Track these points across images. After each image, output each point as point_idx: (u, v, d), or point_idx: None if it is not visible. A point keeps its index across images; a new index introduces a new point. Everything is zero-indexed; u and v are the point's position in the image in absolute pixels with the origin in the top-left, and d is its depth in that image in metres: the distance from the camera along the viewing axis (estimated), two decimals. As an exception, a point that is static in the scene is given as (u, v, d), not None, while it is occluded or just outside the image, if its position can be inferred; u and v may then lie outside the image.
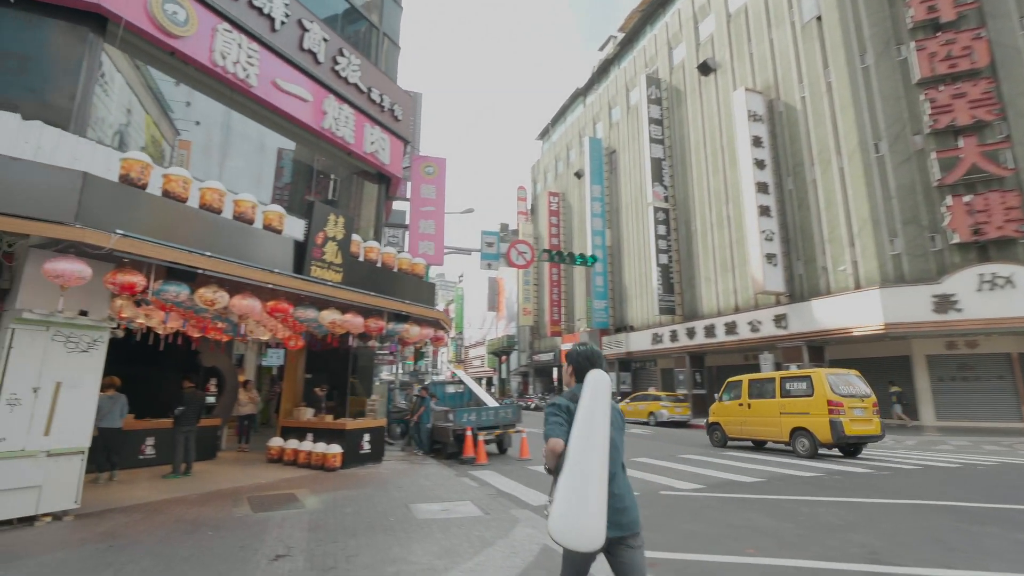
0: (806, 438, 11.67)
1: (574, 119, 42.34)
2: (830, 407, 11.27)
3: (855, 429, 11.17)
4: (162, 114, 9.13)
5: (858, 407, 11.45)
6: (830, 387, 11.53)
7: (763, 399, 13.03)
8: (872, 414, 11.58)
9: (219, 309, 7.35)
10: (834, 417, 11.16)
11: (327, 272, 8.39)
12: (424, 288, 10.91)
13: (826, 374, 11.83)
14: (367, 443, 10.47)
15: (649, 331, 29.33)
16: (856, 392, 11.73)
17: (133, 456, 9.43)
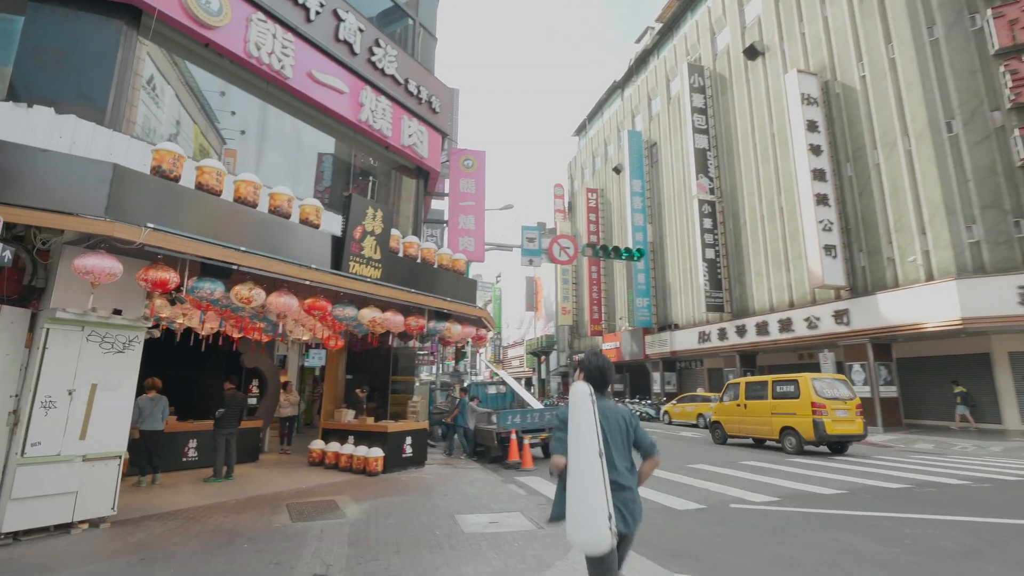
0: (793, 436, 12.56)
1: (611, 113, 41.33)
2: (814, 408, 12.17)
3: (836, 429, 11.99)
4: (209, 125, 9.00)
5: (841, 408, 12.28)
6: (814, 390, 12.41)
7: (757, 400, 13.83)
8: (855, 415, 12.36)
9: (255, 307, 7.06)
10: (817, 417, 12.03)
11: (366, 268, 8.00)
12: (465, 285, 10.44)
13: (811, 378, 12.71)
14: (409, 446, 10.07)
15: (695, 329, 28.15)
16: (840, 395, 12.57)
17: (176, 459, 9.31)
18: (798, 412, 12.48)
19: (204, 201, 6.16)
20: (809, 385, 12.53)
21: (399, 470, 9.82)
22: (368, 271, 8.02)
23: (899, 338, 18.81)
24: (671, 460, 11.62)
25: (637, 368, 36.66)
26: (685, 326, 29.44)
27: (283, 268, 6.54)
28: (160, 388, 8.48)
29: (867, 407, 18.62)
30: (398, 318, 8.61)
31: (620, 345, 35.11)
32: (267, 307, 6.94)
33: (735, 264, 25.95)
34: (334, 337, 10.19)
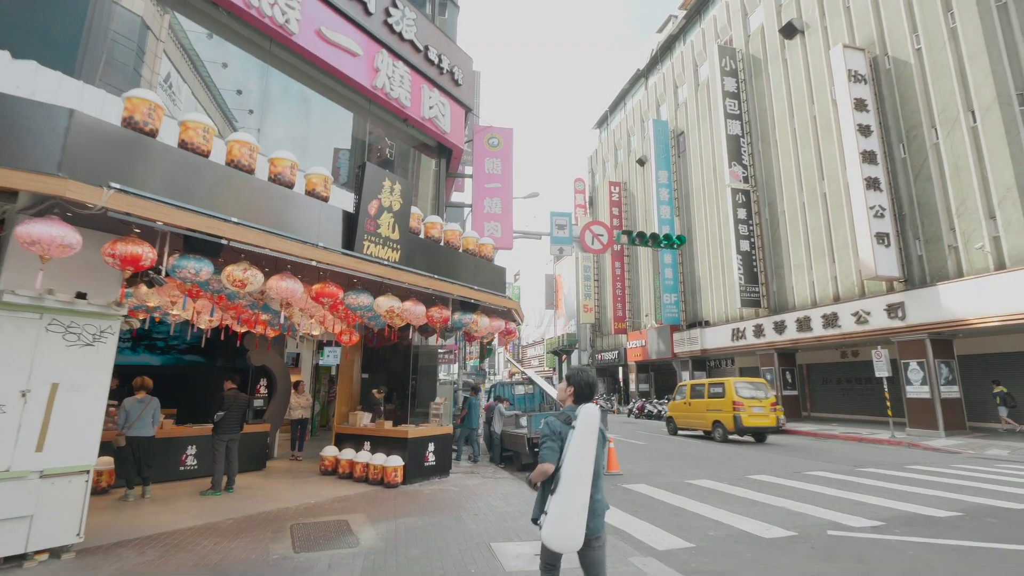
0: (720, 428, 16.03)
1: (635, 104, 39.88)
2: (735, 406, 15.63)
3: (751, 422, 15.46)
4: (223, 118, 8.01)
5: (757, 406, 15.72)
6: (736, 391, 15.88)
7: (698, 399, 17.43)
8: (769, 411, 15.86)
9: (253, 293, 5.99)
10: (736, 413, 15.50)
11: (382, 249, 6.90)
12: (493, 273, 9.30)
13: (735, 382, 16.26)
14: (432, 454, 8.95)
15: (728, 326, 26.66)
16: (757, 396, 15.97)
17: (173, 468, 8.32)
18: (723, 409, 15.91)
19: (188, 162, 5.10)
20: (732, 387, 15.98)
21: (421, 480, 8.71)
22: (385, 253, 6.90)
23: (961, 333, 17.21)
24: (724, 469, 10.33)
25: (663, 367, 35.21)
26: (717, 323, 27.96)
27: (284, 245, 5.45)
28: (151, 388, 7.48)
29: (926, 409, 17.07)
30: (419, 308, 7.49)
31: (646, 343, 33.71)
32: (267, 293, 5.87)
33: (772, 256, 24.43)
34: (348, 331, 9.12)
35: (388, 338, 10.06)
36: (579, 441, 2.90)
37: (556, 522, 2.86)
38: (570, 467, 2.87)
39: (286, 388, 10.89)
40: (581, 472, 2.87)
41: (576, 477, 2.86)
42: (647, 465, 11.14)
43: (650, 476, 9.75)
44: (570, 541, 2.85)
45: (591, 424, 2.94)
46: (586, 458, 2.89)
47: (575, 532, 2.83)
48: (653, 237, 13.36)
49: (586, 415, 2.97)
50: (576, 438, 2.91)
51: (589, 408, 3.02)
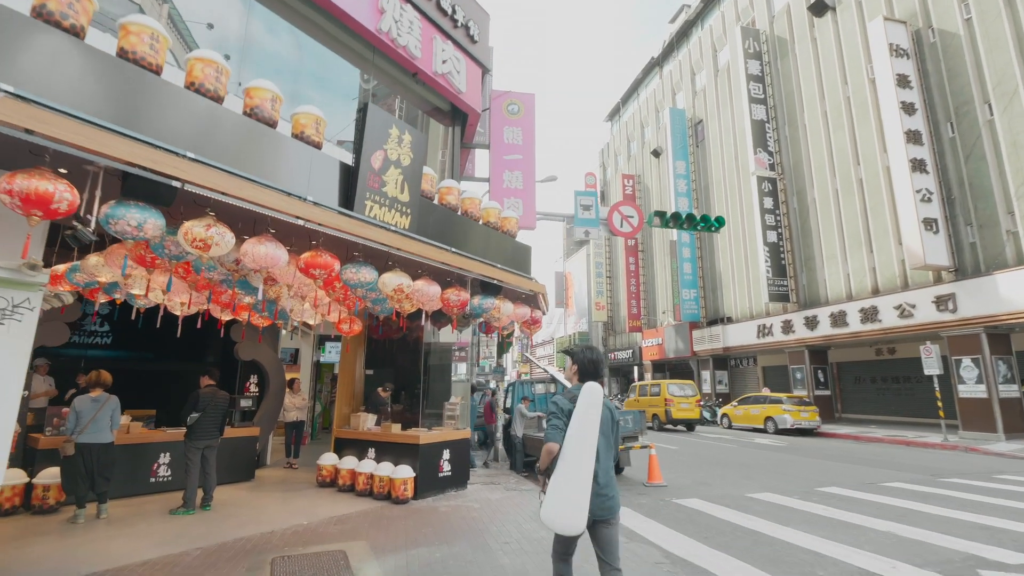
0: (656, 419, 20.76)
1: (649, 94, 38.49)
2: (666, 402, 20.47)
3: (679, 415, 20.34)
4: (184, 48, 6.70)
5: (684, 402, 20.55)
6: (667, 391, 20.81)
7: (644, 396, 22.29)
8: (695, 406, 20.68)
9: (225, 262, 4.68)
10: (667, 408, 20.37)
11: (389, 213, 5.60)
12: (518, 251, 7.98)
13: (667, 383, 21.25)
14: (447, 462, 7.64)
15: (753, 323, 25.21)
16: (685, 394, 20.84)
17: (142, 479, 7.04)
18: (659, 405, 20.79)
19: (130, 76, 3.80)
20: (665, 387, 21.09)
21: (435, 494, 7.39)
22: (392, 217, 5.60)
23: (1019, 327, 15.72)
24: (781, 479, 8.96)
25: (680, 366, 33.77)
26: (740, 319, 26.51)
27: (261, 195, 4.16)
28: (109, 385, 6.20)
29: (982, 410, 15.59)
30: (433, 288, 6.19)
31: (663, 342, 32.28)
32: (242, 263, 4.57)
33: (802, 248, 22.98)
34: (348, 320, 7.82)
35: (396, 328, 8.77)
36: (580, 419, 2.86)
37: (554, 502, 2.80)
38: (570, 445, 2.83)
39: (279, 386, 9.60)
40: (582, 451, 2.82)
41: (576, 456, 2.81)
42: (689, 473, 9.78)
43: (699, 488, 8.39)
44: (569, 522, 2.75)
45: (592, 401, 2.90)
46: (587, 437, 2.84)
47: (574, 513, 2.74)
48: (689, 219, 12.01)
49: (587, 392, 2.93)
50: (576, 416, 2.87)
51: (591, 386, 2.97)
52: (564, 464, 2.80)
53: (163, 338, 9.51)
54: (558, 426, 2.90)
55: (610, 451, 3.06)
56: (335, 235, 4.87)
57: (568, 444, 2.82)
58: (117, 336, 9.54)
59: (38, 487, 5.94)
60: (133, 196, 3.65)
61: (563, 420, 2.91)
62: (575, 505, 2.73)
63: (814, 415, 18.86)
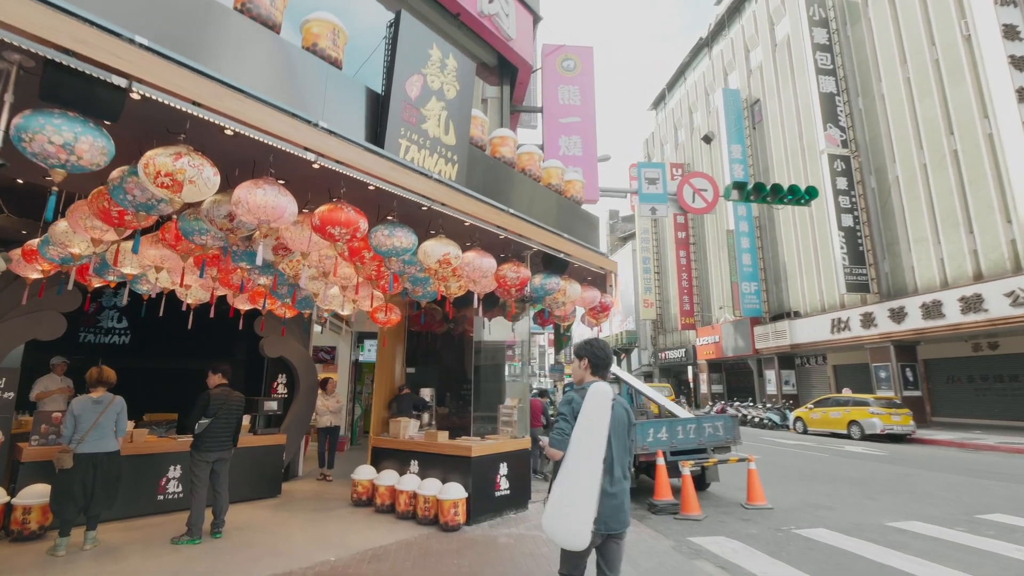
0: None
1: (697, 77, 36.34)
2: None
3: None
4: None
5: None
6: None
7: None
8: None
9: (210, 215, 3.47)
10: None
11: (430, 158, 4.31)
12: (584, 222, 6.57)
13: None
14: (504, 478, 6.29)
15: (825, 316, 22.90)
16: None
17: (148, 497, 5.97)
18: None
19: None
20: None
21: (491, 517, 6.05)
22: (435, 164, 4.31)
23: None
24: (933, 505, 7.19)
25: (739, 366, 31.52)
26: (810, 313, 24.21)
27: (248, 110, 2.94)
28: (113, 384, 5.15)
29: None
30: (486, 262, 4.86)
31: (720, 339, 30.11)
32: (235, 212, 3.35)
33: (883, 231, 20.63)
34: (384, 307, 6.58)
35: (441, 318, 7.52)
36: (584, 422, 2.63)
37: (555, 512, 2.58)
38: (573, 451, 2.62)
39: (310, 387, 8.49)
40: (586, 457, 2.59)
41: (578, 462, 2.59)
42: (790, 491, 8.11)
43: (818, 512, 6.75)
44: (570, 535, 2.52)
45: (600, 403, 2.67)
46: (593, 442, 2.60)
47: (576, 526, 2.51)
48: (774, 190, 10.25)
49: (592, 393, 2.70)
50: (583, 419, 2.64)
51: (598, 386, 2.74)
52: (567, 472, 2.60)
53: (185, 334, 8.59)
54: (564, 431, 2.67)
55: (626, 456, 2.80)
56: (360, 179, 3.60)
57: (570, 451, 2.62)
58: (136, 332, 8.65)
59: (17, 508, 4.92)
60: (57, 100, 2.45)
61: (571, 424, 2.66)
62: (578, 518, 2.52)
63: (907, 419, 16.61)
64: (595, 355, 2.86)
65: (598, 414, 2.64)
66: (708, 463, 7.20)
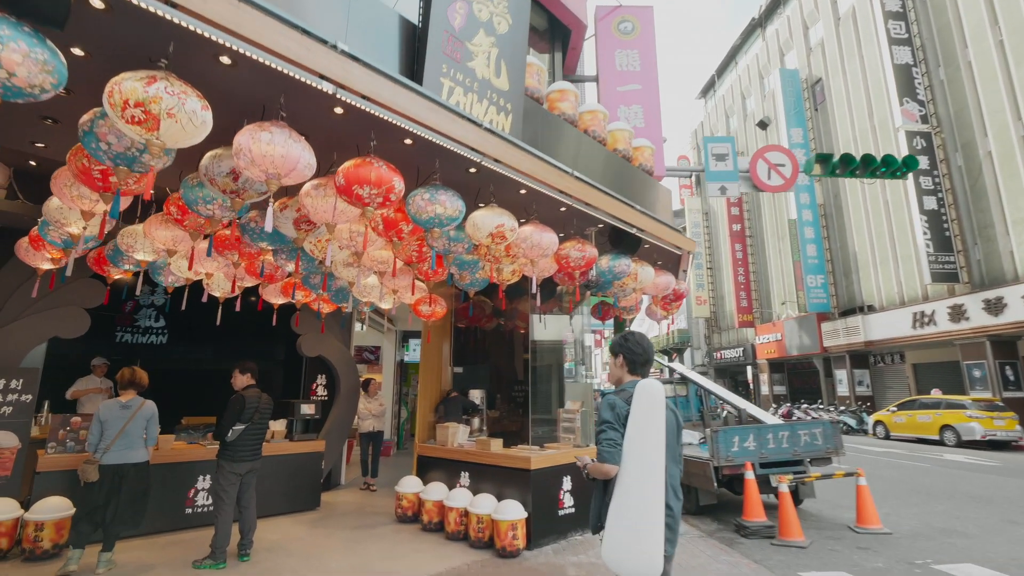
0: None
1: (749, 60, 34.37)
2: None
3: None
4: None
5: None
6: None
7: None
8: None
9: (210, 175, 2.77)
10: None
11: (479, 104, 3.54)
12: (654, 194, 5.63)
13: None
14: (569, 494, 5.42)
15: (905, 310, 20.83)
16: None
17: (175, 510, 5.43)
18: None
19: None
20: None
21: (555, 539, 5.20)
22: (484, 111, 3.50)
23: None
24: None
25: (803, 366, 29.43)
26: (886, 307, 22.15)
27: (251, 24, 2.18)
28: (145, 386, 4.63)
29: None
30: (546, 237, 4.02)
31: (782, 337, 28.16)
32: (238, 166, 2.63)
33: (974, 214, 18.53)
34: (428, 299, 5.83)
35: (490, 311, 6.74)
36: (638, 428, 2.23)
37: (620, 539, 2.17)
38: (630, 465, 2.20)
39: (352, 389, 7.87)
40: (646, 469, 2.19)
41: (640, 477, 2.19)
42: (910, 512, 6.87)
43: (952, 539, 5.55)
44: (642, 565, 2.11)
45: (653, 403, 2.25)
46: (650, 453, 2.20)
47: (648, 553, 2.11)
48: (865, 162, 8.90)
49: (644, 392, 2.27)
50: (633, 425, 2.24)
51: (644, 384, 2.31)
52: (625, 491, 2.18)
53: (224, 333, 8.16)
54: (615, 441, 2.24)
55: (678, 467, 2.39)
56: (392, 123, 2.84)
57: (628, 465, 2.20)
58: (173, 331, 8.28)
59: (29, 525, 4.42)
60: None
61: (620, 432, 2.25)
62: (648, 542, 2.11)
63: (1013, 423, 14.70)
64: (631, 351, 2.48)
65: (651, 416, 2.24)
66: (809, 478, 6.08)
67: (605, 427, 2.31)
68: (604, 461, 2.25)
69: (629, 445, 2.24)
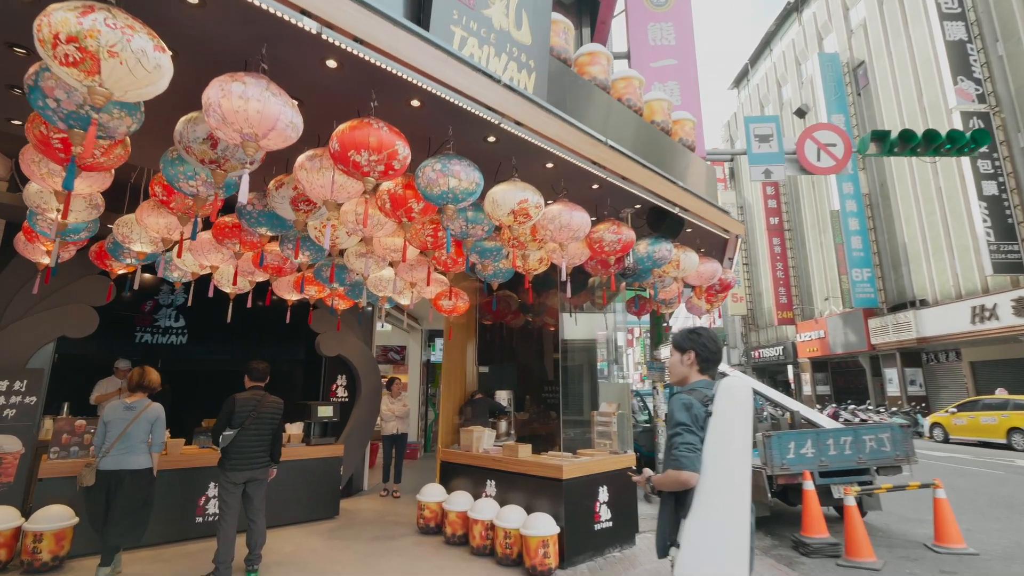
0: None
1: (785, 46, 33.02)
2: None
3: None
4: None
5: None
6: None
7: None
8: None
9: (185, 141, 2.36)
10: None
11: (497, 59, 3.05)
12: (697, 171, 5.05)
13: None
14: (605, 505, 4.89)
15: (963, 304, 19.46)
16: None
17: (185, 519, 5.13)
18: None
19: None
20: None
21: (590, 556, 4.68)
22: (504, 68, 3.02)
23: None
24: None
25: (845, 365, 28.01)
26: (940, 301, 20.77)
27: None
28: (156, 387, 4.34)
29: None
30: (577, 217, 3.53)
31: (825, 335, 26.84)
32: (209, 125, 2.21)
33: (1041, 198, 17.11)
34: (449, 292, 5.39)
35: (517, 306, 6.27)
36: (723, 433, 1.95)
37: (702, 563, 1.87)
38: (713, 474, 1.92)
39: (373, 390, 7.50)
40: (734, 480, 1.94)
41: (725, 487, 1.92)
42: (996, 528, 6.09)
43: (1052, 561, 4.80)
44: None
45: (741, 404, 1.98)
46: (738, 460, 1.95)
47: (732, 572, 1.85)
48: (928, 138, 8.04)
49: (729, 391, 1.99)
50: (712, 432, 1.96)
51: (731, 383, 2.02)
52: (706, 502, 1.90)
53: (244, 332, 7.94)
54: (694, 445, 1.95)
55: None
56: (395, 75, 2.38)
57: (708, 474, 1.92)
58: (192, 331, 8.08)
59: (28, 535, 4.15)
60: None
61: (700, 437, 1.97)
62: (733, 567, 1.85)
63: (1091, 427, 13.44)
64: (705, 347, 2.20)
65: (739, 421, 1.99)
66: (879, 490, 5.38)
67: (681, 430, 2.01)
68: (682, 468, 1.93)
69: (711, 453, 1.96)
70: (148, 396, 4.28)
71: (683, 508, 2.00)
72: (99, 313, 5.34)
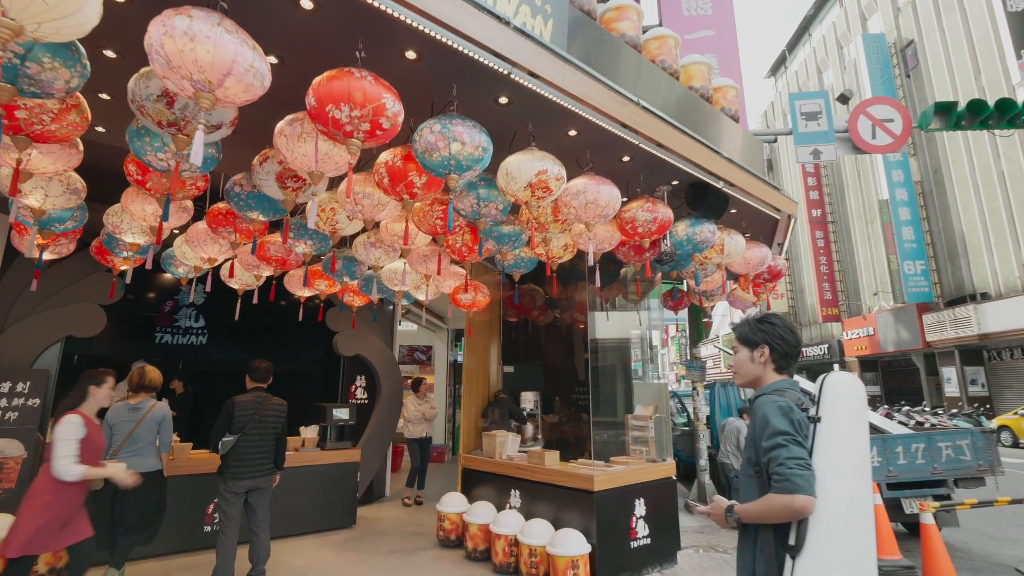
0: None
1: (825, 30, 31.52)
2: None
3: None
4: None
5: None
6: None
7: None
8: None
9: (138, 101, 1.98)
10: None
11: (508, 1, 2.56)
12: (740, 143, 4.49)
13: None
14: (642, 520, 4.37)
15: (1030, 296, 17.98)
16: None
17: (193, 529, 4.84)
18: None
19: None
20: None
21: (626, 577, 4.17)
22: (513, 10, 2.56)
23: None
24: None
25: (896, 364, 26.44)
26: (1004, 294, 19.30)
27: None
28: (158, 387, 4.07)
29: None
30: (604, 191, 3.05)
31: (875, 332, 25.40)
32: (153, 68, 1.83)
33: (1121, 179, 15.61)
34: (468, 286, 4.96)
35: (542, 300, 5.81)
36: (837, 447, 1.53)
37: None
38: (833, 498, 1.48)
39: (393, 391, 7.15)
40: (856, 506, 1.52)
41: (847, 517, 1.50)
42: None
43: None
44: None
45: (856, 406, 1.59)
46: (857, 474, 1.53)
47: None
48: (1002, 108, 7.21)
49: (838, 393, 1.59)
50: (826, 442, 1.53)
51: (840, 380, 1.62)
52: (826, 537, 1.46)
53: (264, 332, 7.73)
54: (806, 461, 1.50)
55: None
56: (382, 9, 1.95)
57: (828, 496, 1.48)
58: (212, 331, 7.91)
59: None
60: None
61: (806, 449, 1.55)
62: None
63: None
64: (781, 339, 1.74)
65: (857, 430, 1.58)
66: (961, 506, 4.69)
67: (784, 440, 1.53)
68: (797, 491, 1.46)
69: (825, 471, 1.52)
70: (151, 395, 4.01)
71: (792, 544, 1.53)
72: (117, 313, 5.15)
